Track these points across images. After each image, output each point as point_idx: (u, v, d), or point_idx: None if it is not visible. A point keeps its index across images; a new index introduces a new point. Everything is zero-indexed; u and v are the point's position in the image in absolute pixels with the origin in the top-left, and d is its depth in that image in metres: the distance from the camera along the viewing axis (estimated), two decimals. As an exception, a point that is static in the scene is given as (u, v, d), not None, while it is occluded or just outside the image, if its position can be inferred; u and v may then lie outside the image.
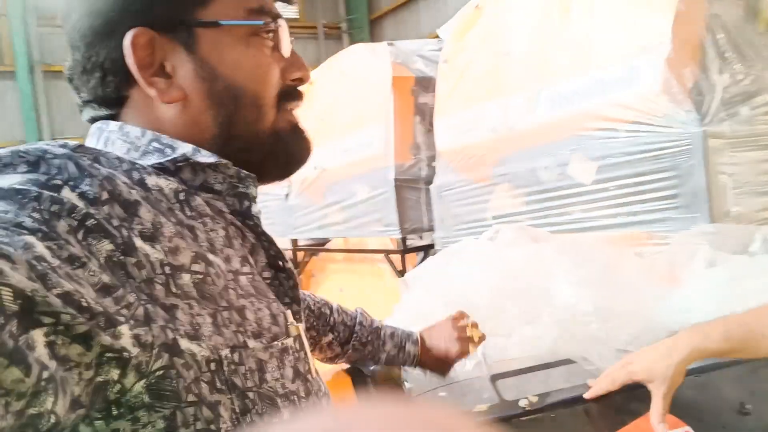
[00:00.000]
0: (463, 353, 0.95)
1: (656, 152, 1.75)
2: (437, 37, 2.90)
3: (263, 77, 0.58)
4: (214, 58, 0.56)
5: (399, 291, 2.96)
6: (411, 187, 2.74)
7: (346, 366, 1.00)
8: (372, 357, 0.94)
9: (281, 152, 0.60)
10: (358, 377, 0.92)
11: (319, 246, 3.50)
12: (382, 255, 2.85)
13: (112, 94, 0.57)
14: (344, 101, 3.13)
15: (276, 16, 0.59)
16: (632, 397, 0.93)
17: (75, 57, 0.58)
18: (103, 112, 0.59)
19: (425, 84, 2.83)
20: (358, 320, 0.95)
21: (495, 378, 0.94)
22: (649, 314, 0.97)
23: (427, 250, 2.80)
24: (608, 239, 1.64)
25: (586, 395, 0.88)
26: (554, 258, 1.11)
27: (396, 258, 2.77)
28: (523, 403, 0.90)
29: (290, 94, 0.61)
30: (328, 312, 0.94)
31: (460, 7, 2.48)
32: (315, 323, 0.92)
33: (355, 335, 0.94)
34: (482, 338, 0.96)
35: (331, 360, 0.96)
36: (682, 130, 1.69)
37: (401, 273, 2.68)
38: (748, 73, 1.78)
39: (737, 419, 0.89)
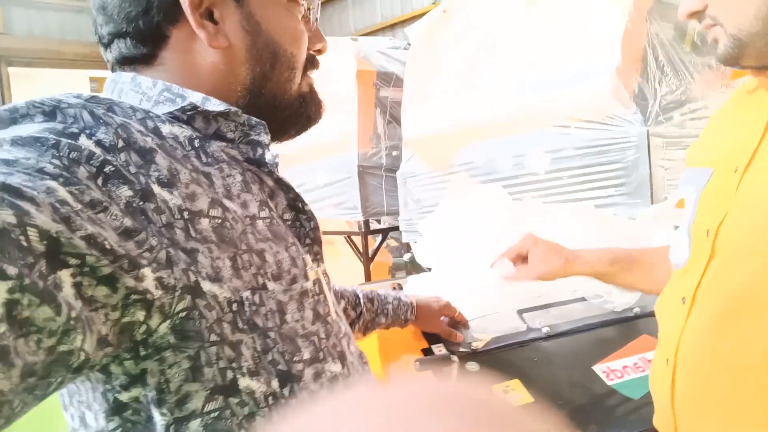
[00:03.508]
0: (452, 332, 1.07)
1: (606, 147, 2.05)
2: (365, 34, 3.08)
3: (299, 41, 0.61)
4: (259, 14, 0.58)
5: (356, 271, 3.14)
6: (372, 174, 2.93)
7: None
8: (376, 324, 0.98)
9: (303, 113, 0.64)
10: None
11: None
12: (342, 237, 3.02)
13: (152, 30, 0.56)
14: (305, 90, 3.25)
15: None
16: (631, 328, 1.17)
17: None
18: (136, 50, 0.57)
19: (386, 78, 3.03)
20: (359, 289, 1.01)
21: (521, 311, 1.16)
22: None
23: (386, 232, 3.00)
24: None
25: (491, 265, 1.06)
26: (552, 212, 1.34)
27: (357, 240, 2.94)
28: (545, 330, 1.13)
29: (312, 61, 0.65)
30: (332, 284, 0.91)
31: (387, 9, 2.67)
32: None
33: (364, 298, 0.98)
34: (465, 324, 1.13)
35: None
36: (629, 129, 2.00)
37: (362, 254, 2.86)
38: (679, 85, 2.13)
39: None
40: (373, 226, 3.04)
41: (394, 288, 1.21)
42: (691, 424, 0.71)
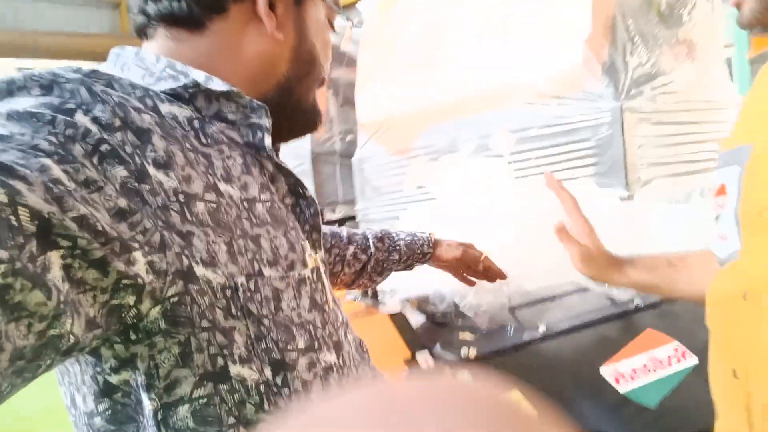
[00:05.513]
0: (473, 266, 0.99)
1: (576, 124, 1.92)
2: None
3: (328, 57, 0.66)
4: (309, 22, 0.61)
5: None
6: (326, 161, 2.75)
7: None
8: (391, 262, 0.97)
9: (311, 121, 0.67)
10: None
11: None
12: (295, 229, 2.83)
13: None
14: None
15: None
16: (633, 322, 1.04)
17: None
18: (189, 11, 0.56)
19: (338, 58, 2.84)
20: (369, 231, 0.99)
21: (513, 309, 1.00)
22: (634, 248, 1.08)
23: (342, 223, 2.82)
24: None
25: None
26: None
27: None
28: (541, 329, 0.98)
29: (324, 78, 0.68)
30: (339, 230, 0.97)
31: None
32: (332, 241, 0.94)
33: (374, 238, 0.97)
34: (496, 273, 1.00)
35: (359, 275, 0.96)
36: (602, 104, 1.87)
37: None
38: (649, 57, 2.02)
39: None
40: (328, 216, 2.85)
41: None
42: None
